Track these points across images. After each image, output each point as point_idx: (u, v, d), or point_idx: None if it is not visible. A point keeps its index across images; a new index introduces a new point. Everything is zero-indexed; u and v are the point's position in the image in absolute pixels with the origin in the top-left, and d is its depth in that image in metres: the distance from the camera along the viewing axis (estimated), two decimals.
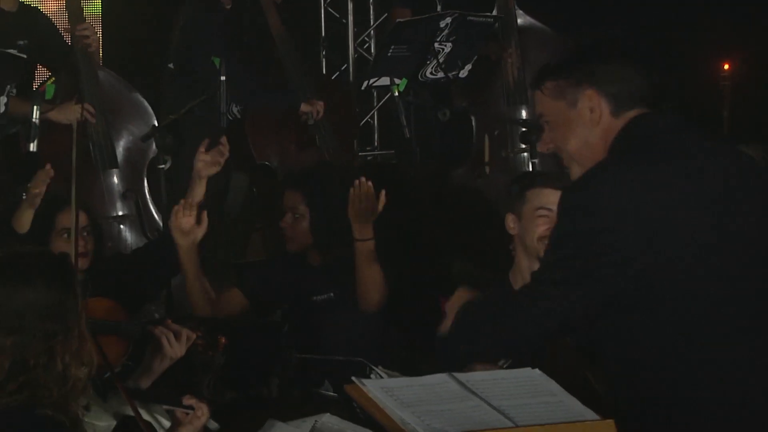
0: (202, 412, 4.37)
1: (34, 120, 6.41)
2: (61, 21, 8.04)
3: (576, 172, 4.00)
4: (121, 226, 7.52)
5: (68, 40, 7.78)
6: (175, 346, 4.92)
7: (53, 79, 7.49)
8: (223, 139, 6.49)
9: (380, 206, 6.34)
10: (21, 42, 7.09)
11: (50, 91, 7.20)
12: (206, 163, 6.15)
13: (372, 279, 6.27)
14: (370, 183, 6.50)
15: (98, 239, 6.39)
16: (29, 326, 3.84)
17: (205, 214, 6.17)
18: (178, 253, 6.23)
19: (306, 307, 6.42)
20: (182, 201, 6.25)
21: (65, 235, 5.98)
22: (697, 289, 3.84)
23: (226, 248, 8.00)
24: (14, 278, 3.90)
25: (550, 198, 5.51)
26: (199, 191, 6.15)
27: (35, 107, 6.39)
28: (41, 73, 7.91)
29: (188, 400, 4.40)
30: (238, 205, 8.46)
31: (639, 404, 4.03)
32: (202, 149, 6.15)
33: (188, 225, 6.15)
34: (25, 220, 6.18)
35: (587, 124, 3.94)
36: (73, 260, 5.19)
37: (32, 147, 6.48)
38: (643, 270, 3.79)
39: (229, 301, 6.50)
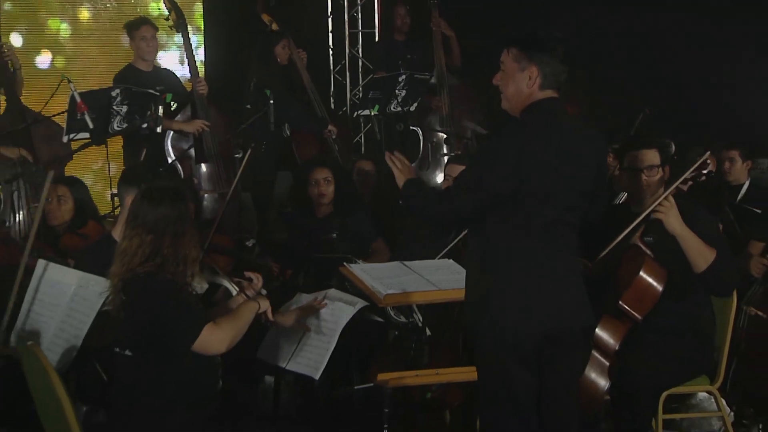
0: (258, 279, 4.38)
1: (159, 114, 6.44)
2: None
3: (505, 105, 3.95)
4: (215, 196, 7.46)
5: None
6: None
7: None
8: None
9: None
10: (159, 88, 7.10)
11: (168, 98, 7.25)
12: None
13: None
14: None
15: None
16: (163, 230, 3.92)
17: None
18: None
19: (319, 242, 6.25)
20: None
21: None
22: (539, 206, 3.78)
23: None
24: (155, 198, 3.97)
25: (452, 170, 5.58)
26: None
27: (160, 107, 6.44)
28: None
29: (248, 274, 4.41)
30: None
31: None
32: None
33: None
34: None
35: (524, 85, 3.84)
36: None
37: (158, 129, 6.56)
38: (512, 192, 3.74)
39: None
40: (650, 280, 4.67)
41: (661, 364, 4.73)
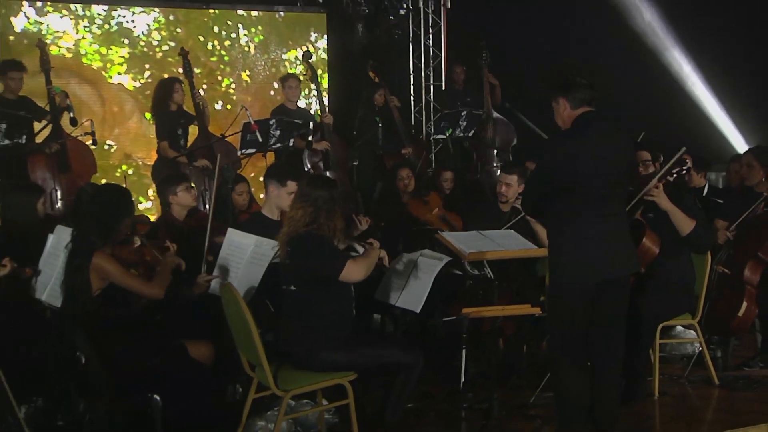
0: (377, 245, 4.19)
1: (310, 128, 6.38)
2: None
3: (564, 128, 3.85)
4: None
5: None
6: (363, 225, 4.85)
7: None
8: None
9: None
10: (300, 120, 7.02)
11: (316, 116, 7.18)
12: None
13: None
14: None
15: None
16: (320, 205, 3.86)
17: None
18: None
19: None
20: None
21: None
22: (584, 189, 3.68)
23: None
24: (316, 184, 3.93)
25: (505, 179, 5.37)
26: None
27: (310, 122, 6.41)
28: None
29: (370, 240, 4.26)
30: (377, 192, 8.43)
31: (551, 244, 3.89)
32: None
33: None
34: None
35: (562, 111, 3.79)
36: None
37: (310, 138, 6.51)
38: (562, 180, 3.68)
39: None
40: (649, 244, 4.58)
41: (658, 304, 4.64)
